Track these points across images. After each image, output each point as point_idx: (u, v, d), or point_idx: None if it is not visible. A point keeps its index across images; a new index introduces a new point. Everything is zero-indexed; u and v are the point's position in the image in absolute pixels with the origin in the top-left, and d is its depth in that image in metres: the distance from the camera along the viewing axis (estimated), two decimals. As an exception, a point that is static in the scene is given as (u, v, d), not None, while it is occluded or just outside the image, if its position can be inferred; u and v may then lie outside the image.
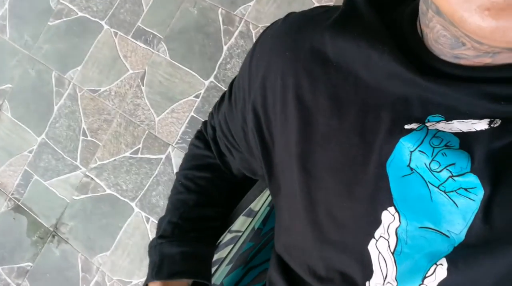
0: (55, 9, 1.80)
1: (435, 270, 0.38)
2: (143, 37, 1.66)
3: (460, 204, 0.37)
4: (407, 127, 0.39)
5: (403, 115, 0.40)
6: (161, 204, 1.56)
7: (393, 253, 0.41)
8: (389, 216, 0.40)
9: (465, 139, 0.37)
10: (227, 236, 0.62)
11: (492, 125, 0.36)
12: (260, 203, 0.62)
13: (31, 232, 1.71)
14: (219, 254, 0.62)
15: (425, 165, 0.38)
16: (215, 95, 1.54)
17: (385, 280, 0.41)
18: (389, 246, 0.41)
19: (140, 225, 1.57)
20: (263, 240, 0.67)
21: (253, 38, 1.52)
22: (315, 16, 0.47)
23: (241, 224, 0.62)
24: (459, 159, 0.36)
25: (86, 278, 1.60)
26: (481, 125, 0.36)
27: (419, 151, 0.38)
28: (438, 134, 0.38)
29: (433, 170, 0.38)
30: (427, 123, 0.39)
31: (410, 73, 0.37)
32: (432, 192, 0.38)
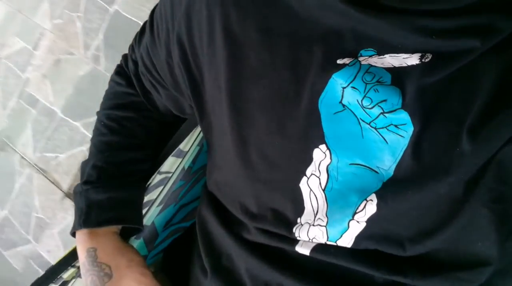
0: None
1: (365, 206, 0.39)
2: None
3: (390, 140, 0.37)
4: (339, 62, 0.38)
5: (335, 49, 0.39)
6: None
7: (324, 190, 0.41)
8: (320, 154, 0.40)
9: (397, 75, 0.37)
10: (157, 178, 0.60)
11: (423, 60, 0.36)
12: (189, 143, 0.60)
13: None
14: (149, 196, 0.60)
15: (357, 102, 0.38)
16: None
17: (316, 216, 0.42)
18: (320, 183, 0.41)
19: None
20: (194, 178, 0.66)
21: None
22: None
23: (171, 165, 0.60)
24: (390, 95, 0.36)
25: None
26: (413, 60, 0.36)
27: (352, 87, 0.38)
28: (370, 69, 0.37)
29: (365, 107, 0.38)
30: (360, 58, 0.38)
31: (342, 4, 0.36)
32: (363, 128, 0.38)
